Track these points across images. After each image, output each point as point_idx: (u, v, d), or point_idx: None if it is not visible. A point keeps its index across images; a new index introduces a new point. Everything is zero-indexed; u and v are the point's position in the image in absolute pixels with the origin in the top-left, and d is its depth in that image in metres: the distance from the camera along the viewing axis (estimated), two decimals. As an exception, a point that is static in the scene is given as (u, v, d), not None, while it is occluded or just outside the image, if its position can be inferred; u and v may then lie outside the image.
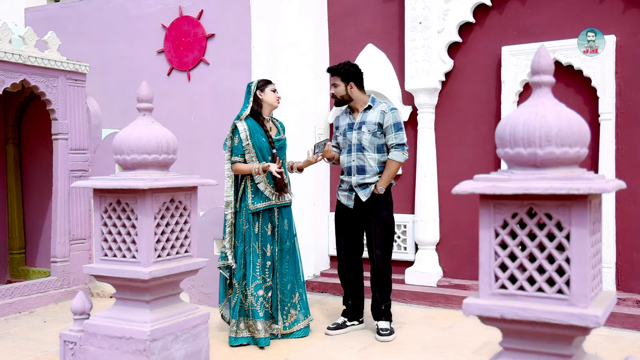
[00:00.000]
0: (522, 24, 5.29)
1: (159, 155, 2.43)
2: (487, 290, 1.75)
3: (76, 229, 5.97)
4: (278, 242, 4.46)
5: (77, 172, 5.99)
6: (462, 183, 1.77)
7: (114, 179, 2.39)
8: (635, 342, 4.29)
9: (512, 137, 1.73)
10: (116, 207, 2.43)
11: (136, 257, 2.38)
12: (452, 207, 5.60)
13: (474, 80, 5.49)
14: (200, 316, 2.55)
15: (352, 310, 4.72)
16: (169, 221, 2.45)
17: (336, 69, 4.51)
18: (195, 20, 6.42)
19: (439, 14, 5.46)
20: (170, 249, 2.46)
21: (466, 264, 5.55)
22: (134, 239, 2.38)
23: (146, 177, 2.34)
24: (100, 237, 2.47)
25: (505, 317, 1.68)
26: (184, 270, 2.47)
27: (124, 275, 2.37)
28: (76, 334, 2.50)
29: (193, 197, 2.57)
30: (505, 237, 1.73)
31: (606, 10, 4.96)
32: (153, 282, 2.36)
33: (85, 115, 6.09)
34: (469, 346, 4.26)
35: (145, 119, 2.49)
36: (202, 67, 6.43)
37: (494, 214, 1.74)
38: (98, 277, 2.47)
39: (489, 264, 1.75)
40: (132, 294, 2.43)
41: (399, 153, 4.43)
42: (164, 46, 6.62)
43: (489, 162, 5.43)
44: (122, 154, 2.42)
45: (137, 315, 2.40)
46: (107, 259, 2.46)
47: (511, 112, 1.80)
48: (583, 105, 5.04)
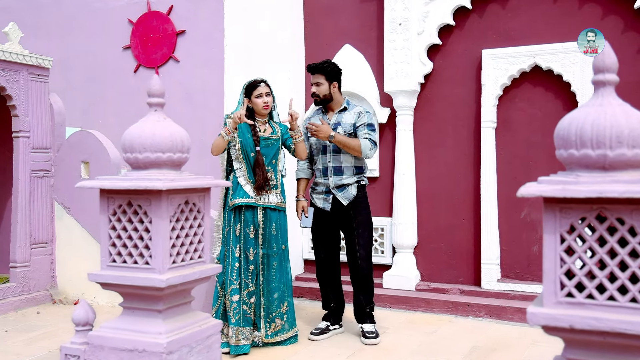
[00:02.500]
0: (502, 28, 5.30)
1: (173, 154, 2.27)
2: (552, 298, 1.67)
3: (37, 232, 5.65)
4: (264, 247, 4.31)
5: (39, 172, 5.68)
6: (527, 186, 1.69)
7: (125, 178, 2.21)
8: None
9: (578, 137, 1.66)
10: (127, 209, 2.25)
11: (150, 264, 2.20)
12: (430, 211, 5.57)
13: (454, 83, 5.47)
14: (214, 326, 2.40)
15: (335, 314, 4.62)
16: (183, 224, 2.29)
17: (321, 67, 4.39)
18: (164, 16, 6.19)
19: (419, 16, 5.42)
20: (184, 254, 2.30)
21: (444, 268, 5.52)
22: (147, 243, 2.21)
23: (162, 177, 2.17)
24: (107, 242, 2.28)
25: (574, 327, 1.60)
26: (198, 277, 2.32)
27: (136, 283, 2.19)
28: (79, 346, 2.30)
29: (207, 199, 2.41)
30: (572, 243, 1.66)
31: (585, 16, 5.02)
32: (168, 290, 2.19)
33: (48, 113, 5.79)
34: (458, 351, 4.21)
35: (157, 115, 2.32)
36: (171, 65, 6.20)
37: (560, 218, 1.67)
38: (105, 285, 2.28)
39: (554, 271, 1.67)
40: (143, 303, 2.26)
41: (368, 143, 4.32)
42: (131, 42, 6.36)
43: (468, 164, 5.42)
44: (133, 152, 2.24)
45: (150, 326, 2.23)
46: (115, 265, 2.27)
47: (573, 113, 1.74)
48: (562, 110, 5.08)
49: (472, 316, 5.03)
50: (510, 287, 5.15)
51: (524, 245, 5.23)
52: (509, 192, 5.27)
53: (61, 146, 5.81)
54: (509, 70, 5.16)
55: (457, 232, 5.47)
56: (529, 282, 5.15)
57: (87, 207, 5.64)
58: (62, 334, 4.69)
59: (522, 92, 5.23)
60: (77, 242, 5.69)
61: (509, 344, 4.36)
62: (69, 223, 5.73)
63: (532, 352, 4.18)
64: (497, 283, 5.20)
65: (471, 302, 5.06)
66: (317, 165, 4.47)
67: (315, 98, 4.43)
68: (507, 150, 5.28)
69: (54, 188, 5.79)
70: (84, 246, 5.66)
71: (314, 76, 4.41)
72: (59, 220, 5.79)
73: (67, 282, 5.77)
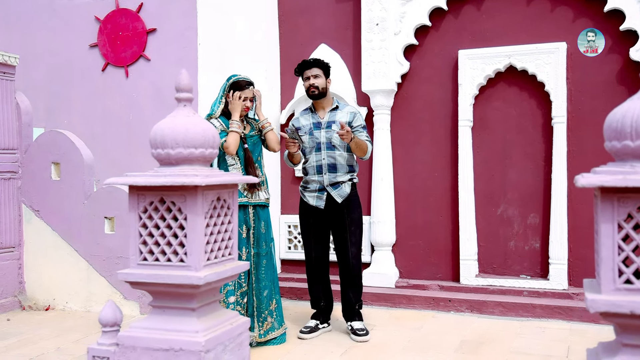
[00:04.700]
0: (478, 29, 5.43)
1: (205, 150, 2.22)
2: (610, 285, 1.72)
3: (4, 235, 5.43)
4: (255, 246, 4.28)
5: (5, 173, 5.46)
6: (586, 176, 1.74)
7: (159, 174, 2.16)
8: (599, 333, 4.49)
9: (634, 129, 1.72)
10: (159, 206, 2.19)
11: (185, 261, 2.15)
12: (407, 208, 5.64)
13: (430, 82, 5.56)
14: (243, 323, 2.36)
15: (324, 313, 4.62)
16: (215, 221, 2.25)
17: (319, 61, 4.43)
18: (133, 13, 6.05)
19: (396, 16, 5.49)
20: (217, 251, 2.26)
21: (423, 265, 5.60)
22: (182, 240, 2.16)
23: (199, 173, 2.13)
24: (138, 240, 2.22)
25: (635, 312, 1.66)
26: (230, 274, 2.28)
27: (172, 281, 2.13)
28: (108, 347, 2.22)
29: (235, 195, 2.37)
30: (630, 231, 1.72)
31: (558, 19, 5.19)
32: (204, 287, 2.15)
33: (15, 112, 5.58)
34: (448, 345, 4.28)
35: (187, 110, 2.27)
36: (142, 63, 6.06)
37: (617, 207, 1.72)
38: (135, 284, 2.22)
39: (612, 259, 1.73)
40: (176, 302, 2.20)
41: (370, 145, 4.41)
42: (98, 40, 6.19)
43: (445, 162, 5.52)
44: (165, 148, 2.18)
45: (185, 325, 2.18)
46: (147, 263, 2.20)
47: (624, 105, 1.80)
48: (536, 109, 5.25)
49: (453, 311, 5.12)
50: (489, 282, 5.27)
51: (501, 240, 5.37)
52: (485, 189, 5.39)
53: (29, 147, 5.60)
54: (485, 70, 5.29)
55: (435, 229, 5.56)
56: (507, 277, 5.29)
57: (57, 210, 5.46)
58: (38, 341, 4.53)
59: (498, 91, 5.36)
60: (47, 246, 5.50)
61: (494, 336, 4.46)
62: (39, 226, 5.52)
63: (519, 343, 4.29)
64: (476, 278, 5.32)
65: (452, 298, 5.15)
66: (310, 163, 4.46)
67: (313, 91, 4.40)
68: (483, 148, 5.40)
69: (21, 190, 5.58)
70: (54, 250, 5.46)
71: (311, 70, 4.40)
72: (27, 223, 5.58)
73: (37, 288, 5.56)
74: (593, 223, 5.04)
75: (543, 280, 5.14)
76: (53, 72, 6.32)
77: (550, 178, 5.15)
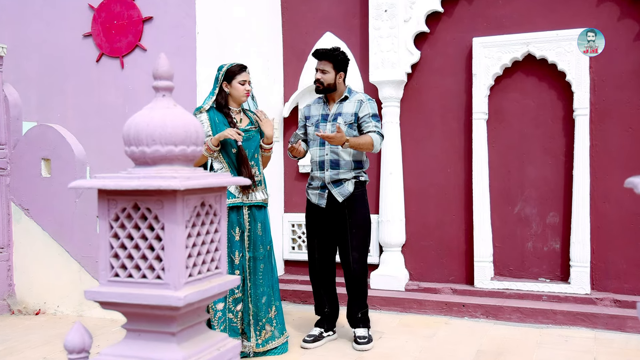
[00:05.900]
0: (493, 15, 5.08)
1: (187, 147, 1.90)
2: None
3: (-8, 236, 5.15)
4: (250, 249, 3.96)
5: (-7, 170, 5.17)
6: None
7: (131, 176, 1.84)
8: (626, 343, 4.16)
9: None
10: (132, 213, 1.87)
11: (162, 278, 1.83)
12: (418, 206, 5.32)
13: (443, 72, 5.22)
14: (233, 347, 2.04)
15: (328, 320, 4.31)
16: (199, 230, 1.93)
17: (330, 53, 4.07)
18: (129, 2, 5.73)
19: (406, 3, 5.15)
20: (201, 265, 1.94)
21: (434, 266, 5.27)
22: (159, 254, 1.84)
23: (177, 175, 1.81)
24: (109, 253, 1.90)
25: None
26: (217, 292, 1.96)
27: (147, 301, 1.82)
28: (75, 378, 1.92)
29: (223, 200, 2.05)
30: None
31: (580, 3, 4.84)
32: (185, 309, 1.84)
33: (3, 105, 5.29)
34: (463, 356, 3.96)
35: (166, 101, 1.94)
36: (138, 54, 5.74)
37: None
38: (105, 304, 1.90)
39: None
40: (153, 325, 1.89)
41: (377, 137, 4.03)
42: (92, 29, 5.87)
43: (458, 158, 5.18)
44: (139, 145, 1.86)
45: (163, 352, 1.86)
46: (119, 280, 1.89)
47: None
48: (557, 100, 4.90)
49: (467, 317, 4.80)
50: (505, 286, 4.94)
51: (518, 241, 5.03)
52: (501, 186, 5.06)
53: (18, 142, 5.31)
54: (501, 59, 4.94)
55: (448, 229, 5.23)
56: (524, 280, 4.96)
57: (48, 209, 5.17)
58: (24, 350, 4.24)
59: (515, 82, 5.02)
60: (38, 246, 5.20)
61: (513, 346, 4.13)
62: (29, 226, 5.23)
63: (541, 355, 3.96)
64: (491, 281, 4.99)
65: (466, 302, 4.83)
66: (313, 158, 4.14)
67: (318, 86, 4.08)
68: (499, 143, 5.07)
69: (10, 188, 5.28)
70: (45, 251, 5.17)
71: (321, 62, 4.08)
72: (16, 223, 5.29)
73: (27, 291, 5.27)
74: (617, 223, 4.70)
75: (564, 284, 4.80)
76: (45, 63, 6.01)
77: (571, 174, 4.80)
